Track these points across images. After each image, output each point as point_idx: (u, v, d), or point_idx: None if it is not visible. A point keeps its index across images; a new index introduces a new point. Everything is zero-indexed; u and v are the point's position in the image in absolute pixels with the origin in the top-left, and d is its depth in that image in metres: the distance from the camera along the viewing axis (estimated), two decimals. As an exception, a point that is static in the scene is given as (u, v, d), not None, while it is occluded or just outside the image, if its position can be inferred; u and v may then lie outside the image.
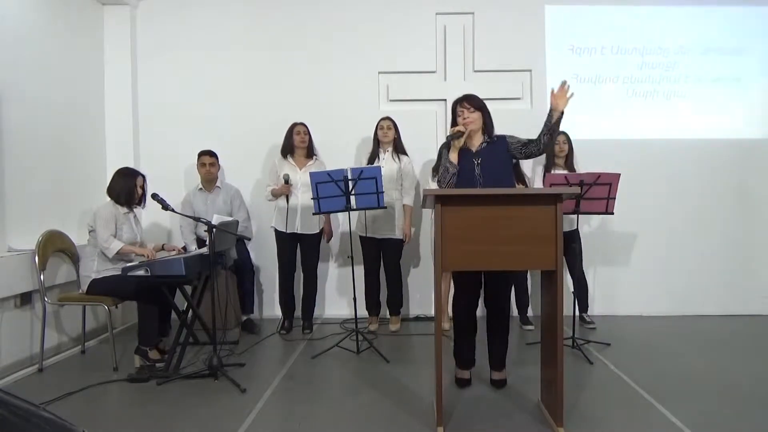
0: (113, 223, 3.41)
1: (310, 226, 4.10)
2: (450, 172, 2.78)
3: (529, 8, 4.65)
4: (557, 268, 2.35)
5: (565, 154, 4.15)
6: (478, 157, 2.82)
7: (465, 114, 2.81)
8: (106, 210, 3.42)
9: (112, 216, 3.41)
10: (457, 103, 2.86)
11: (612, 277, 4.66)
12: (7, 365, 3.20)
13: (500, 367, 2.95)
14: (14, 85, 3.41)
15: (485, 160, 2.81)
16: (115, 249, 3.35)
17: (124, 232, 3.45)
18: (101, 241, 3.35)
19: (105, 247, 3.35)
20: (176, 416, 2.60)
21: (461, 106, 2.84)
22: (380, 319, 4.31)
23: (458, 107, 2.85)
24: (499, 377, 2.94)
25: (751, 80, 4.69)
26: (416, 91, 4.66)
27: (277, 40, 4.65)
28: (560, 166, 4.18)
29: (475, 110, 2.82)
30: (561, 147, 4.14)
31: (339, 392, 2.95)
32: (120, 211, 3.47)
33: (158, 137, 4.63)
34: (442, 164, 2.83)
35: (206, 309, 3.44)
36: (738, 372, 3.17)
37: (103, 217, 3.38)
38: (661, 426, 2.45)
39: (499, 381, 2.94)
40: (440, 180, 2.83)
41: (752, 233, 4.67)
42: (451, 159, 2.78)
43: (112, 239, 3.36)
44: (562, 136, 4.17)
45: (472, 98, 2.86)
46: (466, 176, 2.80)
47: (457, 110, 2.85)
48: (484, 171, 2.79)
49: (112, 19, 4.48)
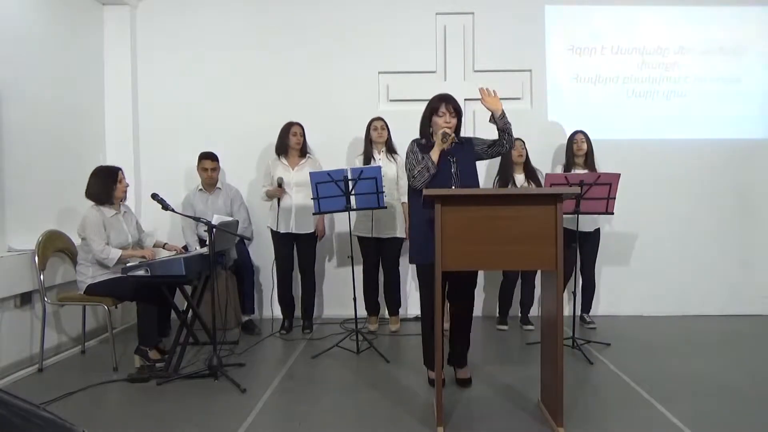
0: (102, 228, 3.33)
1: (306, 226, 4.10)
2: (430, 172, 2.78)
3: (529, 8, 4.65)
4: (557, 268, 2.35)
5: (584, 153, 4.13)
6: (453, 155, 2.86)
7: (447, 117, 2.85)
8: (92, 216, 3.32)
9: (100, 221, 3.33)
10: (443, 102, 2.88)
11: (612, 277, 4.66)
12: (7, 365, 3.20)
13: (462, 364, 2.98)
14: (14, 84, 3.41)
15: (459, 159, 2.87)
16: (115, 258, 3.30)
17: (112, 238, 3.36)
18: (98, 253, 3.28)
19: (103, 258, 3.29)
20: (176, 416, 2.60)
21: (446, 107, 2.86)
22: (380, 319, 4.31)
23: (443, 107, 2.86)
24: (463, 376, 2.96)
25: (751, 80, 4.69)
26: (416, 91, 4.62)
27: (277, 40, 4.65)
28: (580, 165, 4.16)
29: (456, 115, 2.89)
30: (579, 146, 4.13)
31: (339, 392, 2.94)
32: (106, 215, 3.38)
33: (158, 137, 4.62)
34: (421, 163, 2.79)
35: (206, 309, 3.44)
36: (738, 372, 3.17)
37: (91, 225, 3.29)
38: (661, 426, 2.45)
39: (464, 380, 2.94)
40: (417, 177, 2.79)
41: (752, 233, 4.67)
42: (434, 159, 2.78)
43: (109, 248, 3.30)
44: (580, 135, 4.15)
45: (455, 103, 2.92)
46: (443, 174, 2.82)
47: (441, 109, 2.86)
48: (460, 170, 2.85)
49: (112, 19, 4.47)
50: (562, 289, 2.39)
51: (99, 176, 3.42)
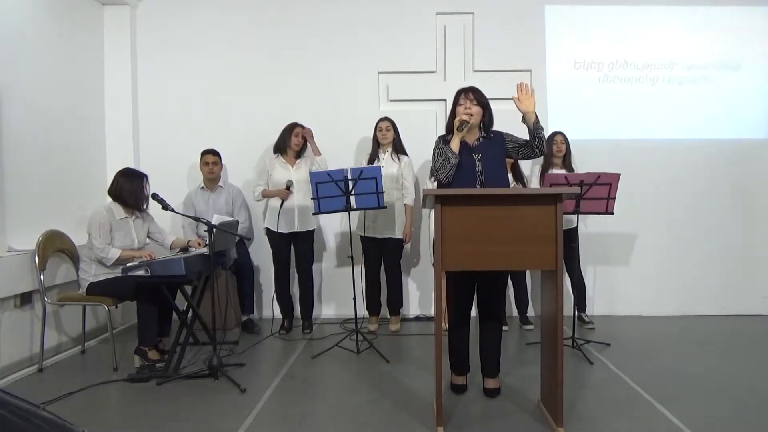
0: (108, 229, 3.34)
1: (307, 224, 4.11)
2: (451, 162, 2.68)
3: (529, 8, 4.65)
4: (557, 268, 2.35)
5: (563, 153, 4.16)
6: (478, 152, 2.75)
7: (467, 104, 2.73)
8: (100, 216, 3.34)
9: (107, 222, 3.34)
10: (462, 93, 2.78)
11: (612, 277, 4.66)
12: (7, 365, 3.20)
13: (493, 374, 2.86)
14: (14, 85, 3.41)
15: (484, 156, 2.75)
16: (113, 257, 3.31)
17: (117, 239, 3.37)
18: (98, 251, 3.30)
19: (102, 256, 3.31)
20: (176, 416, 2.60)
21: (465, 96, 2.76)
22: (380, 319, 4.31)
23: (462, 96, 2.77)
24: (493, 386, 2.84)
25: (752, 80, 4.69)
26: (416, 91, 4.66)
27: (277, 40, 4.65)
28: (558, 165, 4.18)
29: (478, 105, 2.74)
30: (559, 147, 4.14)
31: (339, 392, 2.95)
32: (116, 217, 3.39)
33: (158, 137, 4.62)
34: (443, 154, 2.71)
35: (206, 309, 3.44)
36: (738, 372, 3.17)
37: (97, 225, 3.31)
38: (661, 426, 2.45)
39: (492, 390, 2.83)
40: (439, 170, 2.71)
41: (752, 233, 4.67)
42: (453, 148, 2.69)
43: (109, 248, 3.31)
44: (560, 136, 4.17)
45: (478, 92, 2.77)
46: (467, 172, 2.73)
47: (460, 99, 2.77)
48: (484, 167, 2.73)
49: (112, 19, 4.47)
50: (563, 289, 2.39)
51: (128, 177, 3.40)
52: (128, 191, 3.39)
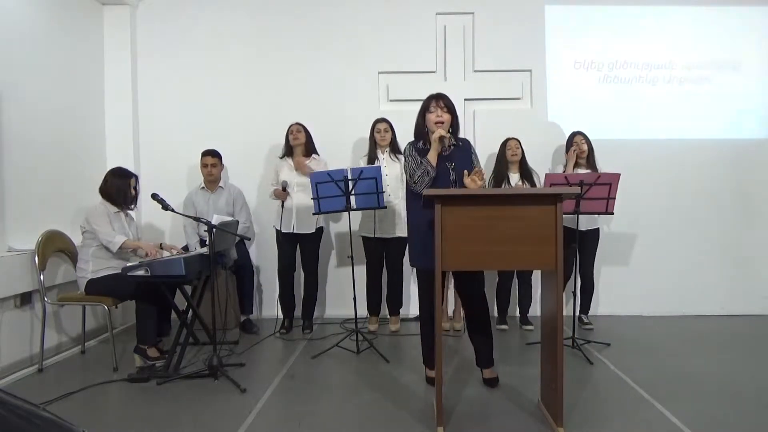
0: (107, 220, 3.42)
1: (307, 226, 4.10)
2: (430, 176, 2.75)
3: (529, 8, 4.65)
4: (557, 268, 2.35)
5: (585, 154, 4.13)
6: (450, 161, 2.83)
7: (438, 112, 2.80)
8: (99, 208, 3.44)
9: (105, 214, 3.44)
10: (433, 99, 2.86)
11: (612, 277, 4.66)
12: (7, 365, 3.20)
13: (489, 364, 2.96)
14: (14, 85, 3.41)
15: (457, 164, 2.83)
16: (119, 242, 3.37)
17: (116, 231, 3.45)
18: (104, 236, 3.36)
19: (108, 240, 3.36)
20: (176, 416, 2.60)
21: (437, 103, 2.83)
22: (380, 319, 4.31)
23: (433, 103, 2.84)
24: (490, 375, 2.96)
25: (751, 80, 4.69)
26: (416, 91, 4.61)
27: (277, 40, 4.64)
28: (582, 165, 4.16)
29: (448, 111, 2.83)
30: (580, 147, 4.11)
31: (339, 392, 2.95)
32: (111, 210, 3.48)
33: (158, 137, 4.62)
34: (421, 167, 2.77)
35: (206, 309, 3.44)
36: (738, 372, 3.17)
37: (98, 215, 3.40)
38: (661, 426, 2.45)
39: (490, 379, 2.95)
40: (417, 182, 2.76)
41: (752, 233, 4.67)
42: (431, 160, 2.75)
43: (114, 233, 3.39)
44: (579, 137, 4.14)
45: (447, 99, 2.87)
46: (442, 180, 2.80)
47: (431, 106, 2.84)
48: (458, 175, 2.81)
49: (112, 19, 4.47)
50: (563, 289, 2.39)
51: (117, 176, 3.52)
52: (115, 189, 3.48)
